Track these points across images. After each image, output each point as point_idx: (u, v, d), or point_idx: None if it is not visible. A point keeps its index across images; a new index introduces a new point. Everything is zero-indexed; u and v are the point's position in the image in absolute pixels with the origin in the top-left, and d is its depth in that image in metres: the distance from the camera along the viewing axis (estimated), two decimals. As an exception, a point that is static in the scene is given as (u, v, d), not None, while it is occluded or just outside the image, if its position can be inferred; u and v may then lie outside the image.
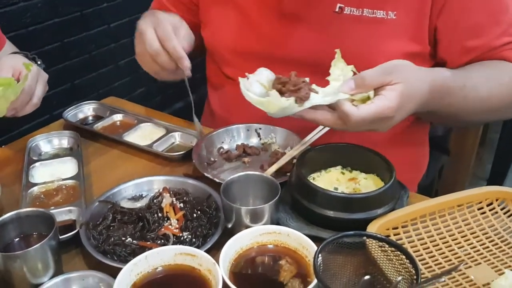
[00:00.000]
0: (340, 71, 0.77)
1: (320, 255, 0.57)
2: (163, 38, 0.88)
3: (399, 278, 0.53)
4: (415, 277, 0.52)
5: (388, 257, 0.63)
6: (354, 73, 0.76)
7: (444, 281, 0.66)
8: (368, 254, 0.64)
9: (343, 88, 0.73)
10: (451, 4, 0.91)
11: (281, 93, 0.72)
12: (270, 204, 0.72)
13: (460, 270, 0.71)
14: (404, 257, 0.56)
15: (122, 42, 2.26)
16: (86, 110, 1.11)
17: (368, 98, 0.73)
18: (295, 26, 0.96)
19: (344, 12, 0.92)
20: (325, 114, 0.74)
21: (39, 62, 0.97)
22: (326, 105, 0.73)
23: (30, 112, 0.90)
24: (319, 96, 0.73)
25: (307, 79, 0.74)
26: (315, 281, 0.59)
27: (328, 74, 0.77)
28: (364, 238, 0.61)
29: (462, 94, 0.88)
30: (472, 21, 0.93)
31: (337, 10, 0.93)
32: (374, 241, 0.63)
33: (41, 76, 0.92)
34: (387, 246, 0.60)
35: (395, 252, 0.60)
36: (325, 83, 0.76)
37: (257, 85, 0.75)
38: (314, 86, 0.75)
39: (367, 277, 0.60)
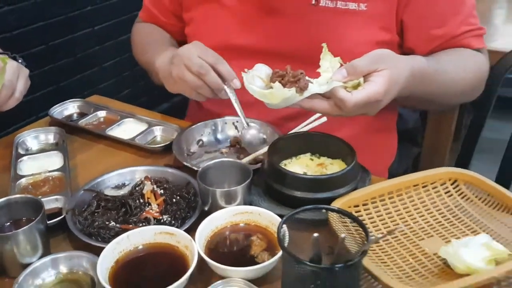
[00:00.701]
0: (328, 63, 0.83)
1: (283, 225, 0.64)
2: (200, 73, 0.91)
3: (343, 235, 0.60)
4: (365, 238, 0.59)
5: (349, 230, 0.70)
6: (341, 64, 0.82)
7: (388, 240, 0.75)
8: (331, 228, 0.71)
9: (336, 77, 0.80)
10: None
11: (283, 85, 0.78)
12: (243, 186, 0.79)
13: (414, 242, 0.79)
14: (356, 224, 0.63)
15: (107, 45, 2.31)
16: (71, 107, 1.17)
17: (359, 84, 0.80)
18: (275, 19, 1.04)
19: (320, 4, 1.01)
20: (322, 102, 0.81)
21: (20, 61, 1.00)
22: (320, 94, 0.80)
23: (13, 106, 0.94)
24: (316, 86, 0.79)
25: (303, 71, 0.81)
26: (280, 252, 0.66)
27: (310, 63, 0.84)
28: (323, 211, 0.67)
29: (435, 78, 0.98)
30: (436, 12, 1.03)
31: (313, 2, 1.01)
32: (336, 216, 0.70)
33: (22, 72, 0.96)
34: (346, 218, 0.67)
35: (353, 224, 0.67)
36: (309, 72, 0.82)
37: (257, 80, 0.82)
38: (307, 78, 0.81)
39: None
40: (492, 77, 1.25)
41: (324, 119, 0.98)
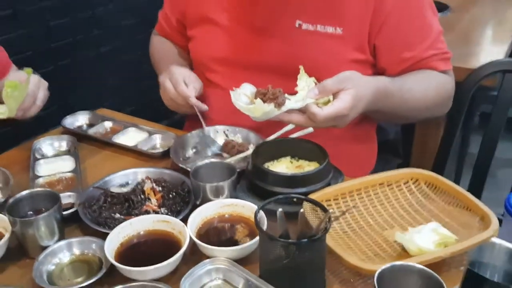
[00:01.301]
0: (304, 83, 0.98)
1: (260, 211, 0.77)
2: (175, 85, 1.15)
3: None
4: (327, 219, 0.72)
5: (319, 218, 0.83)
6: (315, 83, 0.97)
7: (355, 229, 0.90)
8: (305, 219, 0.83)
9: (309, 94, 0.94)
10: (387, 25, 1.14)
11: (263, 101, 0.93)
12: (228, 181, 0.92)
13: (378, 232, 0.91)
14: (318, 207, 0.76)
15: (111, 65, 2.47)
16: (81, 118, 1.31)
17: (329, 101, 0.95)
18: (264, 39, 1.19)
19: (302, 27, 1.15)
20: (297, 116, 0.95)
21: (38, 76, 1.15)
22: (297, 109, 0.94)
23: (35, 114, 1.10)
24: (292, 102, 0.94)
25: (281, 89, 0.95)
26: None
27: (292, 76, 0.99)
28: (294, 199, 0.80)
29: (400, 95, 1.11)
30: (405, 38, 1.16)
31: (297, 25, 1.16)
32: (308, 208, 0.83)
33: (42, 83, 1.12)
34: (313, 205, 0.80)
35: (320, 211, 0.80)
36: (290, 85, 0.98)
37: (243, 97, 0.97)
38: (286, 95, 0.95)
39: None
40: (461, 92, 1.39)
41: (310, 129, 1.10)
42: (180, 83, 1.15)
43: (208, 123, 1.20)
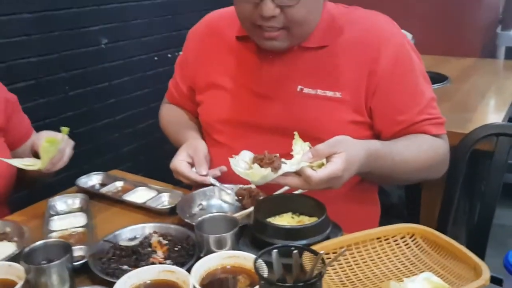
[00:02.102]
0: (299, 147, 1.05)
1: (259, 259, 0.81)
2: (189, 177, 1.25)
3: (295, 251, 0.77)
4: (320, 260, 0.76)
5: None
6: (310, 148, 1.04)
7: (353, 281, 0.93)
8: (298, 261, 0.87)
9: (304, 158, 1.01)
10: (380, 90, 1.22)
11: (260, 166, 0.99)
12: (231, 233, 0.97)
13: (375, 284, 0.94)
14: (312, 254, 0.80)
15: (125, 133, 2.58)
16: (95, 179, 1.39)
17: (322, 164, 1.01)
18: (267, 102, 1.27)
19: (304, 91, 1.24)
20: (293, 179, 1.01)
21: None
22: (293, 172, 1.00)
23: (60, 168, 1.22)
24: (288, 166, 1.00)
25: (277, 155, 1.02)
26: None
27: (293, 138, 1.06)
28: (292, 248, 0.84)
29: (391, 158, 1.17)
30: (398, 102, 1.23)
31: (298, 90, 1.25)
32: (307, 257, 0.87)
33: (69, 142, 1.27)
34: (311, 255, 0.84)
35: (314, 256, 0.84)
36: (291, 144, 1.05)
37: (242, 162, 1.03)
38: (282, 159, 1.02)
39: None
40: (456, 156, 1.45)
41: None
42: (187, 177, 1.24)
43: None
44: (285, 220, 1.10)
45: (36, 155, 1.26)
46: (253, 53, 1.29)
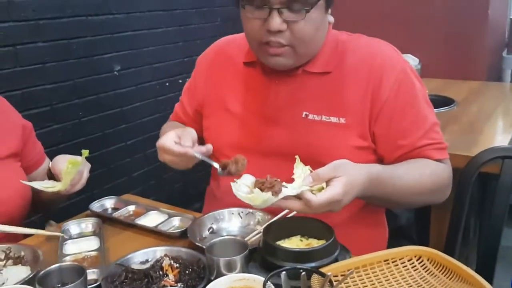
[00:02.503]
0: (300, 171, 1.07)
1: (268, 281, 0.83)
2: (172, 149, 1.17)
3: (303, 273, 0.79)
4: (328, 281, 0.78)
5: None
6: (310, 171, 1.06)
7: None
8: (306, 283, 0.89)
9: (305, 182, 1.03)
10: (383, 116, 1.24)
11: (262, 190, 1.01)
12: (240, 256, 0.99)
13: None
14: (320, 276, 0.82)
15: (136, 157, 2.63)
16: (107, 203, 1.42)
17: (323, 188, 1.03)
18: (273, 127, 1.30)
19: (309, 117, 1.27)
20: (294, 202, 1.02)
21: None
22: (294, 196, 1.01)
23: (78, 190, 1.27)
24: (288, 190, 1.02)
25: (278, 179, 1.03)
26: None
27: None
28: (301, 271, 0.86)
29: (392, 182, 1.17)
30: (400, 127, 1.24)
31: (303, 116, 1.27)
32: (316, 280, 0.89)
33: (87, 165, 1.32)
34: (319, 277, 0.86)
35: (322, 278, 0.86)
36: (292, 170, 1.06)
37: (244, 187, 1.05)
38: (284, 183, 1.04)
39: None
40: (462, 178, 1.46)
41: None
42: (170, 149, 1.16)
43: (222, 205, 1.29)
44: (294, 243, 1.12)
45: (52, 178, 1.30)
46: (259, 78, 1.33)
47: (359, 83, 1.25)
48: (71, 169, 1.24)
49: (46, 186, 1.26)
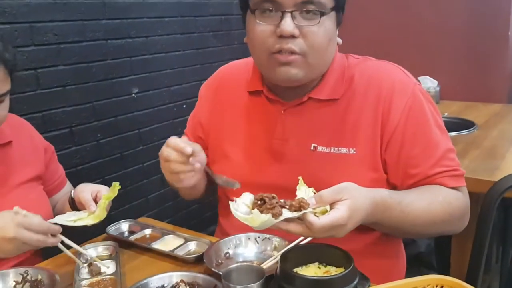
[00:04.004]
0: (303, 193, 1.04)
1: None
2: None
3: None
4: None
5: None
6: (314, 193, 1.02)
7: None
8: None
9: None
10: (393, 142, 1.20)
11: (261, 212, 0.97)
12: (257, 283, 0.97)
13: (404, 337, 0.92)
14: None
15: (152, 179, 2.63)
16: (124, 226, 1.42)
17: (326, 211, 0.99)
18: (280, 160, 1.26)
19: (317, 150, 1.23)
20: (295, 225, 0.98)
21: None
22: (297, 218, 0.98)
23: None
24: (289, 212, 0.98)
25: (275, 196, 0.99)
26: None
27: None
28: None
29: (399, 209, 1.11)
30: (410, 155, 1.19)
31: (312, 148, 1.23)
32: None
33: None
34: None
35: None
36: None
37: (243, 206, 1.01)
38: (283, 201, 0.99)
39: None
40: (485, 204, 1.43)
41: None
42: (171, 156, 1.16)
43: (237, 231, 1.26)
44: (312, 270, 1.09)
45: (75, 209, 1.32)
46: (265, 108, 1.29)
47: (368, 109, 1.21)
48: (105, 204, 1.24)
49: (73, 219, 1.23)
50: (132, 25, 2.41)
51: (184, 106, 2.74)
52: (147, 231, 1.38)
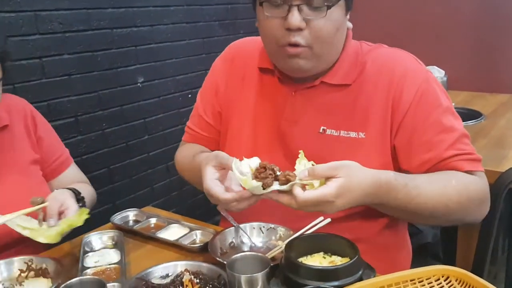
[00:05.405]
0: (303, 166, 1.03)
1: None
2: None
3: None
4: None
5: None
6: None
7: None
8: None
9: (300, 175, 0.99)
10: (404, 126, 1.18)
11: (256, 178, 1.00)
12: (262, 273, 0.97)
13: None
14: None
15: (158, 168, 2.63)
16: (129, 215, 1.41)
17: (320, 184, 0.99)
18: (288, 142, 1.26)
19: (326, 133, 1.23)
20: (284, 196, 1.00)
21: (80, 205, 1.28)
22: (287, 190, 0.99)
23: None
24: (276, 185, 0.99)
25: (277, 169, 1.01)
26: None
27: None
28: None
29: (405, 191, 1.08)
30: (422, 139, 1.17)
31: (321, 131, 1.23)
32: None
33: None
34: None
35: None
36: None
37: (246, 166, 1.03)
38: (288, 172, 0.99)
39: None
40: (492, 195, 1.41)
41: (328, 220, 1.11)
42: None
43: (242, 220, 1.26)
44: (317, 260, 1.09)
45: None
46: (275, 87, 1.28)
47: (379, 94, 1.20)
48: (63, 229, 1.16)
49: (24, 226, 1.15)
50: (138, 14, 2.39)
51: (190, 95, 2.73)
52: (152, 221, 1.38)
